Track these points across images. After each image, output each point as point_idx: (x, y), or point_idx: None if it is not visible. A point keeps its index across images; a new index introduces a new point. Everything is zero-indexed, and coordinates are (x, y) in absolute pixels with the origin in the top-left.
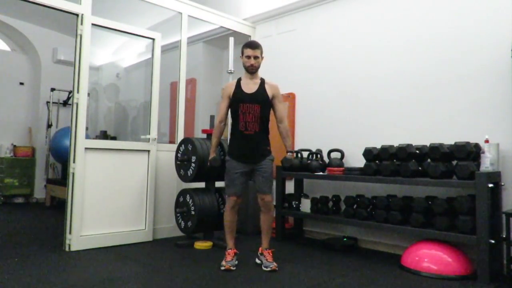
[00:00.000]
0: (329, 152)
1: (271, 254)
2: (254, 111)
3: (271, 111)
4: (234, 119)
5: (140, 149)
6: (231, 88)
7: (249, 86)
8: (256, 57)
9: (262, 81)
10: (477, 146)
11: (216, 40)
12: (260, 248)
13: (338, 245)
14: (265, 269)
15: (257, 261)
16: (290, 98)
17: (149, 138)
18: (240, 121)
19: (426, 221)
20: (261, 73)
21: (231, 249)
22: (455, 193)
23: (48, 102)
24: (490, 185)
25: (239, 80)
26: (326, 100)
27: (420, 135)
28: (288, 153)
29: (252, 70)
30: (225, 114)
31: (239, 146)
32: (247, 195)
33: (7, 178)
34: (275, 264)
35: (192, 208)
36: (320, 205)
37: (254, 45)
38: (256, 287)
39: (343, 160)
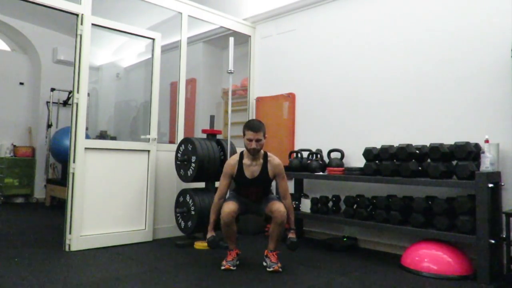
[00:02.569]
0: (329, 152)
1: (276, 256)
2: (256, 191)
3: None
4: (237, 187)
5: (140, 149)
6: (233, 169)
7: (251, 169)
8: (258, 140)
9: (265, 160)
10: (477, 146)
11: (216, 40)
12: (266, 251)
13: (338, 245)
14: (268, 269)
15: (264, 263)
16: (290, 98)
17: (149, 138)
18: (242, 193)
19: (426, 221)
20: (260, 73)
21: (232, 249)
22: (455, 193)
23: (48, 102)
24: (490, 185)
25: (241, 159)
26: (326, 100)
27: (420, 135)
28: (291, 232)
29: (253, 153)
30: (225, 193)
31: (242, 196)
32: None
33: (7, 178)
34: (278, 264)
35: (192, 208)
36: (320, 205)
37: (256, 128)
38: (256, 287)
39: (343, 160)
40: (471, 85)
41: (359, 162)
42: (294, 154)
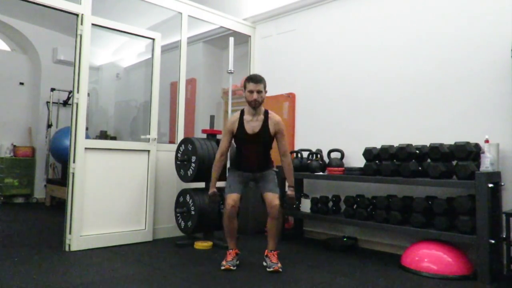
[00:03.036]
0: (329, 152)
1: (276, 256)
2: (256, 150)
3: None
4: (237, 148)
5: (140, 149)
6: (233, 125)
7: (252, 125)
8: (259, 92)
9: (266, 117)
10: (477, 146)
11: (216, 40)
12: (266, 251)
13: (338, 245)
14: (268, 269)
15: (264, 263)
16: (290, 98)
17: (149, 138)
18: (243, 154)
19: (426, 221)
20: (261, 73)
21: (232, 249)
22: (455, 193)
23: (48, 102)
24: (490, 185)
25: (242, 115)
26: (326, 100)
27: (420, 135)
28: (289, 189)
29: (255, 105)
30: (226, 149)
31: (242, 163)
32: (247, 195)
33: (7, 178)
34: (278, 265)
35: (192, 208)
36: (320, 205)
37: (256, 79)
38: (256, 287)
39: (343, 160)
40: (471, 85)
41: (359, 162)
42: (294, 154)
